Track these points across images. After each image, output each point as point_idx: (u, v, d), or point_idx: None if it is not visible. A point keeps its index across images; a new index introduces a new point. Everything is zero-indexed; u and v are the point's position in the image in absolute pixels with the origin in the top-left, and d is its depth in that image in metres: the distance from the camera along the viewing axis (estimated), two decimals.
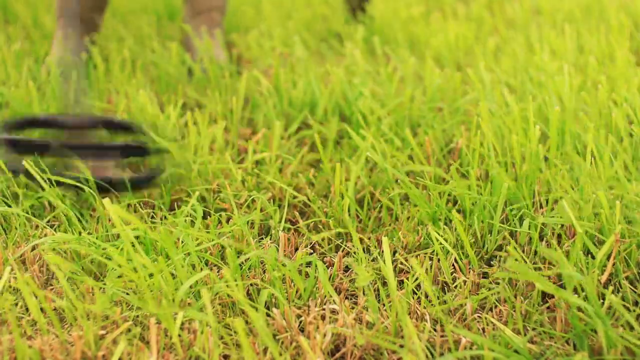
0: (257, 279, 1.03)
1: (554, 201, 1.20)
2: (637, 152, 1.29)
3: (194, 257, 1.02)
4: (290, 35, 2.29)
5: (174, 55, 1.87)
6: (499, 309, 0.96)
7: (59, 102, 1.61)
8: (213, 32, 2.08)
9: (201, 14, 2.12)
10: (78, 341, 0.87)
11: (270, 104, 1.58)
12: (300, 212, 1.25)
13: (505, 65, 1.82)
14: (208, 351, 0.87)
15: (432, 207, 1.16)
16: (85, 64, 1.76)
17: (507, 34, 2.24)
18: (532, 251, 1.08)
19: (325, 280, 0.96)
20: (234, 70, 1.87)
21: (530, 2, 2.66)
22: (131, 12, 2.70)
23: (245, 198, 1.27)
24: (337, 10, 2.64)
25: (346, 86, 1.62)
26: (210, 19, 2.11)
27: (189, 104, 1.74)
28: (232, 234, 1.13)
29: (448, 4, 2.73)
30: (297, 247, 1.14)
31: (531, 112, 1.21)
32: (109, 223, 1.17)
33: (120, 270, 0.96)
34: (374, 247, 1.12)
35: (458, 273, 1.04)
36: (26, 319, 0.95)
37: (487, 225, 1.13)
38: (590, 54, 1.94)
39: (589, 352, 0.87)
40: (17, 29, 2.42)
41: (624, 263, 1.03)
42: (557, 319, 0.91)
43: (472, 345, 0.88)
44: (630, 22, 2.23)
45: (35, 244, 1.11)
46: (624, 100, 1.50)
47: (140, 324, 0.94)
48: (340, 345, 0.90)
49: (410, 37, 2.24)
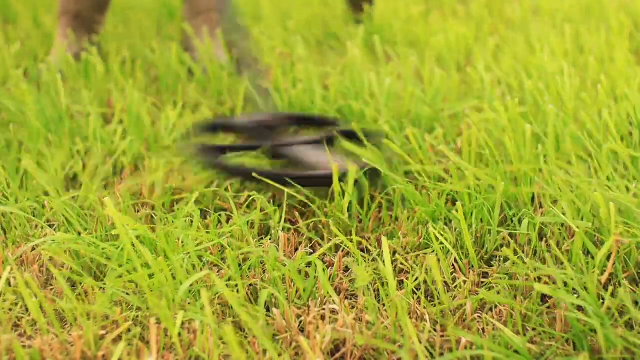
0: (257, 279, 1.03)
1: (552, 201, 1.21)
2: (637, 151, 1.29)
3: (193, 257, 1.02)
4: (290, 35, 2.29)
5: (174, 55, 1.87)
6: (498, 309, 0.96)
7: (252, 104, 1.60)
8: (214, 33, 2.08)
9: (201, 14, 2.12)
10: (78, 341, 0.87)
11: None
12: (301, 212, 1.25)
13: (505, 65, 1.82)
14: (208, 351, 0.87)
15: (432, 207, 1.16)
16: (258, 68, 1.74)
17: (507, 33, 2.24)
18: (531, 251, 1.08)
19: (325, 280, 0.96)
20: (233, 71, 1.87)
21: (530, 2, 2.66)
22: (131, 11, 2.70)
23: (245, 198, 1.27)
24: (336, 10, 2.64)
25: (346, 86, 1.62)
26: (209, 19, 2.11)
27: (189, 104, 1.74)
28: (232, 234, 1.13)
29: (448, 4, 2.73)
30: (297, 247, 1.14)
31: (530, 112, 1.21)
32: (109, 223, 1.17)
33: (120, 270, 0.96)
34: (374, 248, 1.12)
35: (458, 273, 1.04)
36: (26, 319, 0.95)
37: (487, 225, 1.13)
38: (590, 54, 1.94)
39: (589, 352, 0.87)
40: (17, 29, 2.42)
41: (623, 263, 1.03)
42: (557, 319, 0.91)
43: (471, 346, 0.88)
44: (630, 22, 2.23)
45: (36, 244, 1.11)
46: (624, 99, 1.50)
47: (140, 324, 0.94)
48: (340, 345, 0.90)
49: (410, 36, 2.24)
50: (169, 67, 1.85)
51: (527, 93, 1.56)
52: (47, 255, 1.08)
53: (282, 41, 2.18)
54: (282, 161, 1.32)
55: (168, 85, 1.81)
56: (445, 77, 1.69)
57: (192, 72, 1.94)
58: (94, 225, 1.17)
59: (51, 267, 0.95)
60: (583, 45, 2.06)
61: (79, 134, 1.50)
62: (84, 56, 1.85)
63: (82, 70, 1.85)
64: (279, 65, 1.72)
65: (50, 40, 2.24)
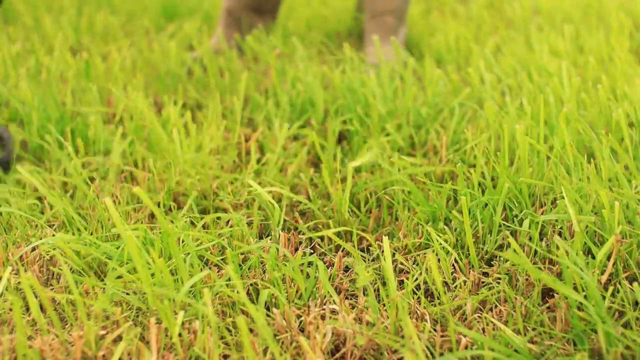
0: (257, 279, 1.03)
1: (553, 200, 1.21)
2: (637, 152, 1.29)
3: (194, 257, 1.02)
4: (290, 35, 2.29)
5: (174, 55, 1.87)
6: (499, 308, 0.96)
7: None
8: (386, 37, 2.06)
9: (375, 17, 2.09)
10: (78, 341, 0.87)
11: (270, 103, 1.58)
12: (301, 212, 1.25)
13: (505, 66, 1.82)
14: (208, 351, 0.87)
15: (432, 207, 1.16)
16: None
17: (507, 33, 2.24)
18: (532, 251, 1.08)
19: (325, 280, 0.96)
20: (236, 69, 1.87)
21: (530, 2, 2.66)
22: (131, 11, 2.70)
23: (245, 198, 1.27)
24: (336, 10, 2.64)
25: (346, 86, 1.62)
26: (383, 22, 2.08)
27: (189, 104, 1.74)
28: (232, 234, 1.13)
29: (448, 4, 2.73)
30: (297, 247, 1.14)
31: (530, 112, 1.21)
32: (109, 223, 1.17)
33: (120, 270, 0.96)
34: (375, 248, 1.12)
35: (458, 273, 1.04)
36: (26, 319, 0.95)
37: (488, 225, 1.13)
38: (590, 54, 1.94)
39: (589, 352, 0.87)
40: (17, 29, 2.42)
41: (624, 263, 1.03)
42: (558, 319, 0.91)
43: (472, 345, 0.88)
44: (630, 22, 2.23)
45: (36, 245, 1.11)
46: (624, 98, 1.50)
47: (140, 324, 0.94)
48: (340, 345, 0.90)
49: (410, 36, 2.24)
50: (168, 67, 1.85)
51: (527, 93, 1.56)
52: (47, 255, 1.08)
53: (282, 41, 2.18)
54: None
55: (168, 85, 1.81)
56: (445, 77, 1.69)
57: (191, 72, 1.94)
58: (93, 225, 1.17)
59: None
60: (583, 45, 2.06)
61: (79, 134, 1.50)
62: (85, 56, 1.85)
63: (82, 69, 1.85)
64: (278, 65, 1.73)
65: (50, 40, 2.24)
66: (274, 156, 1.35)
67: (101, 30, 2.38)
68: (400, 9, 2.10)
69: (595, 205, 1.12)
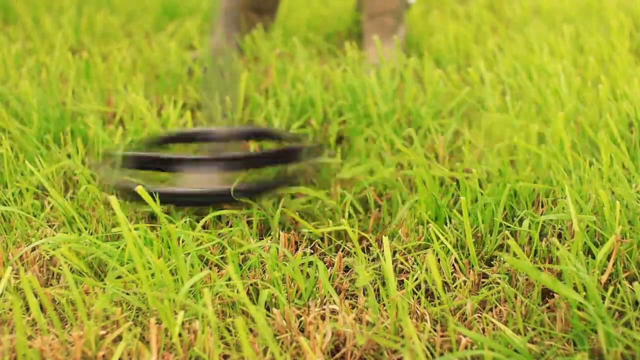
0: (257, 278, 1.03)
1: (553, 200, 1.21)
2: (637, 152, 1.29)
3: (194, 257, 1.02)
4: (290, 35, 2.29)
5: (174, 55, 1.87)
6: (499, 309, 0.96)
7: (205, 114, 1.56)
8: (386, 37, 2.05)
9: (374, 17, 2.08)
10: (78, 341, 0.87)
11: (270, 103, 1.58)
12: (301, 212, 1.25)
13: (505, 65, 1.82)
14: (208, 351, 0.87)
15: (432, 207, 1.16)
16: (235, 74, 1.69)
17: (507, 34, 2.24)
18: (532, 251, 1.08)
19: (325, 280, 0.96)
20: (238, 70, 1.87)
21: (530, 2, 2.66)
22: (131, 11, 2.70)
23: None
24: (336, 10, 2.64)
25: (347, 86, 1.62)
26: (383, 23, 2.07)
27: (189, 104, 1.74)
28: (232, 234, 1.13)
29: (447, 4, 2.73)
30: (297, 247, 1.14)
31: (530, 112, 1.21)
32: (109, 223, 1.17)
33: (120, 270, 0.96)
34: (375, 248, 1.12)
35: (458, 273, 1.04)
36: (26, 319, 0.95)
37: (488, 225, 1.13)
38: (589, 54, 1.94)
39: (589, 352, 0.87)
40: (17, 29, 2.42)
41: (624, 263, 1.03)
42: (558, 319, 0.91)
43: (472, 345, 0.88)
44: (630, 22, 2.23)
45: (36, 245, 1.11)
46: (624, 98, 1.50)
47: (140, 324, 0.94)
48: (340, 345, 0.90)
49: (410, 36, 2.24)
50: (168, 67, 1.85)
51: (527, 93, 1.56)
52: (47, 255, 1.08)
53: (282, 41, 2.18)
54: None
55: (168, 85, 1.81)
56: (445, 77, 1.69)
57: (191, 72, 1.94)
58: (94, 225, 1.17)
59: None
60: (583, 45, 2.06)
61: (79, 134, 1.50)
62: (85, 56, 1.85)
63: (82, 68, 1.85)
64: (278, 65, 1.73)
65: (50, 40, 2.24)
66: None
67: (101, 30, 2.38)
68: (398, 9, 2.10)
69: (595, 205, 1.12)
